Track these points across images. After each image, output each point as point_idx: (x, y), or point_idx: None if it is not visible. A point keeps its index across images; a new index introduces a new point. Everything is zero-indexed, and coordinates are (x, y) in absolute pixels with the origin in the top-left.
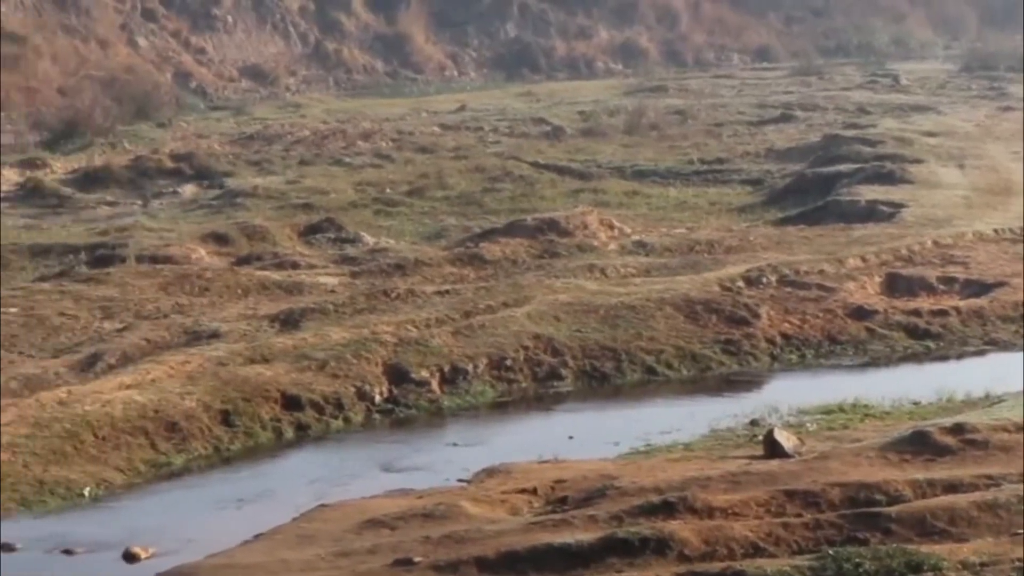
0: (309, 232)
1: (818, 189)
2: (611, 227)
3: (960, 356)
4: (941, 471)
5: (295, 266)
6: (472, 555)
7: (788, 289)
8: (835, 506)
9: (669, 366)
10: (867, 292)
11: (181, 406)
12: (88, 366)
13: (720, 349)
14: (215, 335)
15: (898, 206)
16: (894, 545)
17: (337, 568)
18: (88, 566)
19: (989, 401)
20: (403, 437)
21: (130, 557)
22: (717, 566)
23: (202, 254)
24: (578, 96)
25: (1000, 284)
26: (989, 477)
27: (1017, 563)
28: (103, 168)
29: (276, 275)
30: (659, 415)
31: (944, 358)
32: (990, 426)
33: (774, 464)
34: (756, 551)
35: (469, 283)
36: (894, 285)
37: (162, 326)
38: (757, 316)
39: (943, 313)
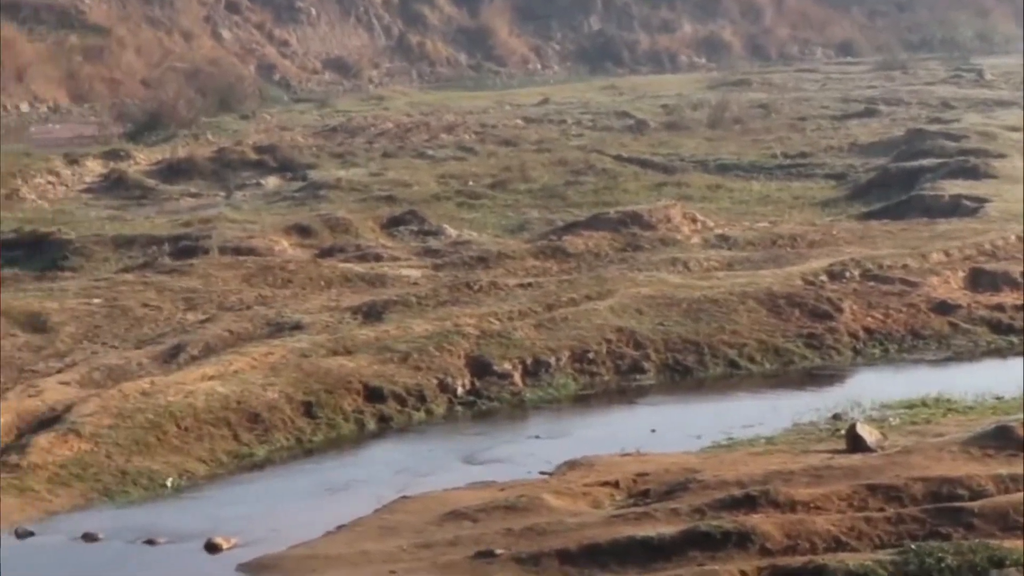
0: (392, 224)
1: (901, 184)
2: (694, 221)
3: None
4: None
5: (378, 258)
6: (554, 548)
7: (871, 284)
8: (917, 501)
9: (751, 360)
10: (950, 287)
11: (264, 397)
12: (171, 357)
13: (803, 343)
14: (298, 327)
15: (982, 201)
16: (976, 540)
17: (419, 560)
18: (170, 556)
19: None
20: (485, 429)
21: (212, 548)
22: (799, 560)
23: (285, 246)
24: (661, 90)
25: None
26: None
27: None
28: (186, 160)
29: (359, 267)
30: (741, 409)
31: None
32: None
33: (856, 458)
34: (838, 545)
35: (552, 276)
36: (977, 280)
37: (245, 317)
38: (840, 310)
39: None
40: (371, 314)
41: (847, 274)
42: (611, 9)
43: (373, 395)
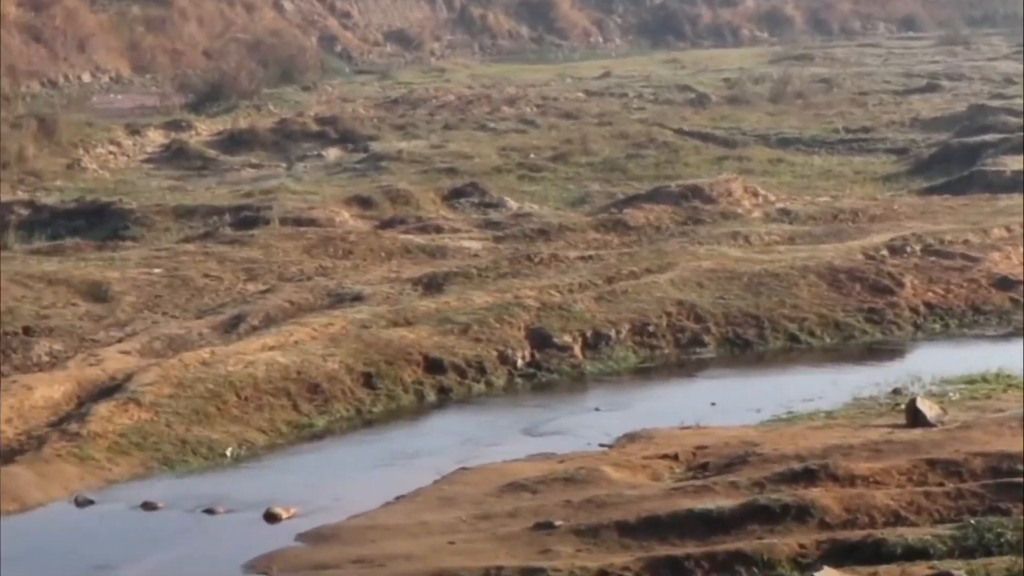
0: (453, 196)
1: (963, 159)
2: (755, 195)
3: None
4: None
5: (438, 230)
6: (613, 520)
7: (932, 259)
8: (977, 476)
9: (812, 334)
10: (1011, 262)
11: (323, 368)
12: (231, 327)
13: (863, 318)
14: (358, 298)
15: None
16: None
17: (478, 531)
18: (229, 526)
19: None
20: (545, 401)
21: (271, 517)
22: (858, 534)
23: (346, 217)
24: (723, 63)
25: None
26: None
27: None
28: (248, 131)
29: (419, 239)
30: (801, 383)
31: None
32: None
33: (916, 433)
34: (897, 520)
35: (612, 249)
36: None
37: (305, 288)
38: (901, 285)
39: None
40: (431, 286)
41: (908, 249)
42: None
43: (433, 366)
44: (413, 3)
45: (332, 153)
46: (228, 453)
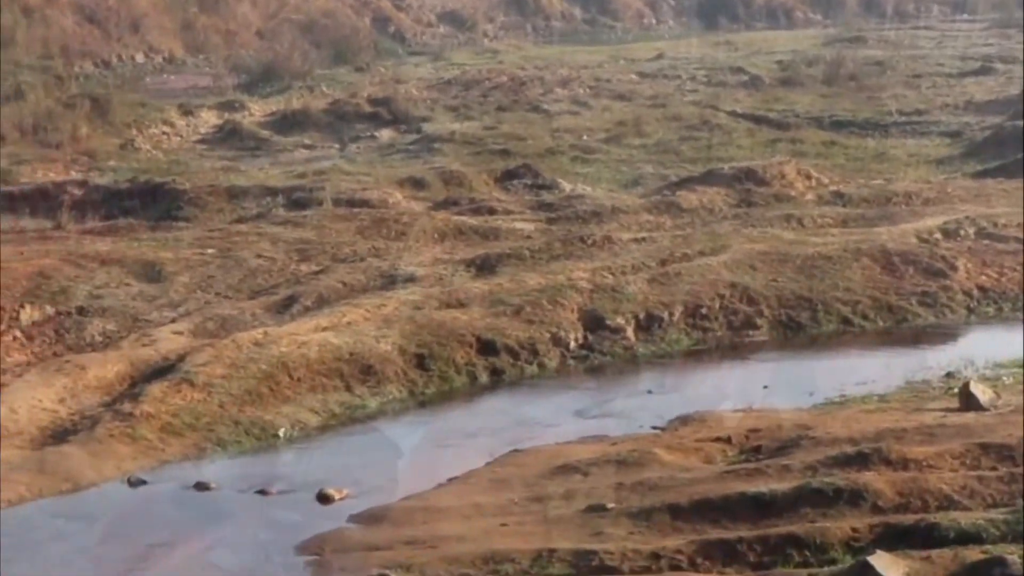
0: (506, 178)
1: (1017, 142)
2: (808, 177)
3: None
4: None
5: (491, 211)
6: (665, 502)
7: (986, 242)
8: None
9: (865, 317)
10: None
11: (376, 349)
12: (284, 308)
13: (916, 301)
14: (411, 279)
15: None
16: None
17: (530, 513)
18: (282, 506)
19: None
20: (597, 383)
21: (324, 498)
22: (911, 518)
23: (399, 198)
24: (776, 46)
25: None
26: None
27: None
28: (301, 111)
29: (472, 220)
30: (854, 366)
31: None
32: None
33: (969, 417)
34: (950, 504)
35: (665, 231)
36: None
37: (358, 269)
38: (954, 268)
39: None
40: (484, 267)
41: (962, 232)
42: None
43: (486, 348)
44: None
45: (385, 134)
46: (281, 434)
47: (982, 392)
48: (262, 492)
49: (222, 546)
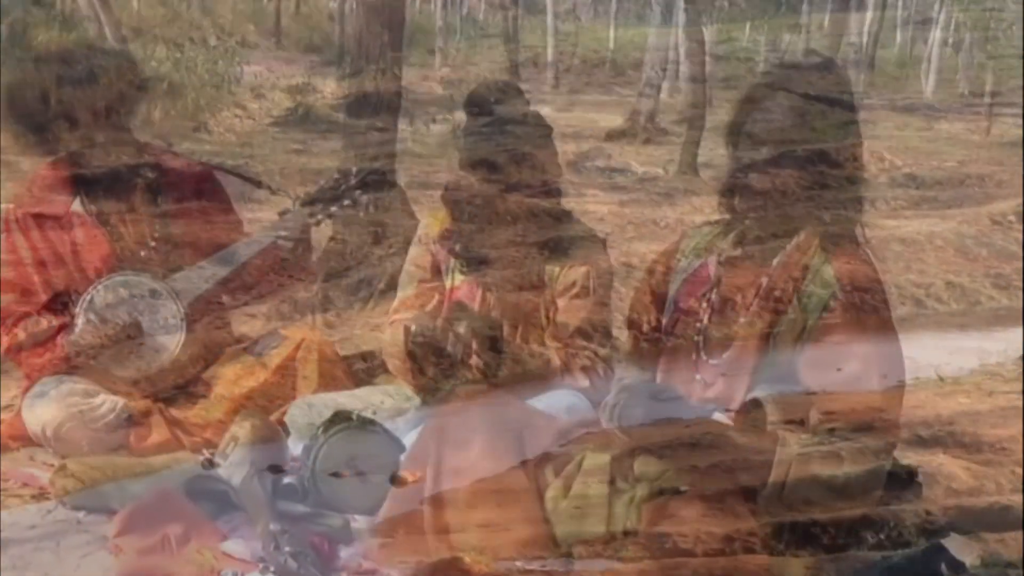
0: (578, 160)
1: None
2: (881, 159)
3: None
4: None
5: (563, 194)
6: (739, 485)
7: None
8: None
9: (938, 299)
10: None
11: (450, 332)
12: (356, 290)
13: (990, 283)
14: (484, 261)
15: None
16: None
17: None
18: (354, 488)
19: None
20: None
21: (397, 481)
22: (985, 500)
23: (471, 181)
24: (847, 28)
25: None
26: None
27: None
28: (373, 94)
29: (545, 203)
30: (927, 348)
31: None
32: None
33: None
34: None
35: (737, 213)
36: None
37: (431, 252)
38: None
39: None
40: (557, 249)
41: None
42: None
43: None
44: None
45: (457, 116)
46: (353, 417)
47: None
48: (335, 475)
49: (292, 527)
